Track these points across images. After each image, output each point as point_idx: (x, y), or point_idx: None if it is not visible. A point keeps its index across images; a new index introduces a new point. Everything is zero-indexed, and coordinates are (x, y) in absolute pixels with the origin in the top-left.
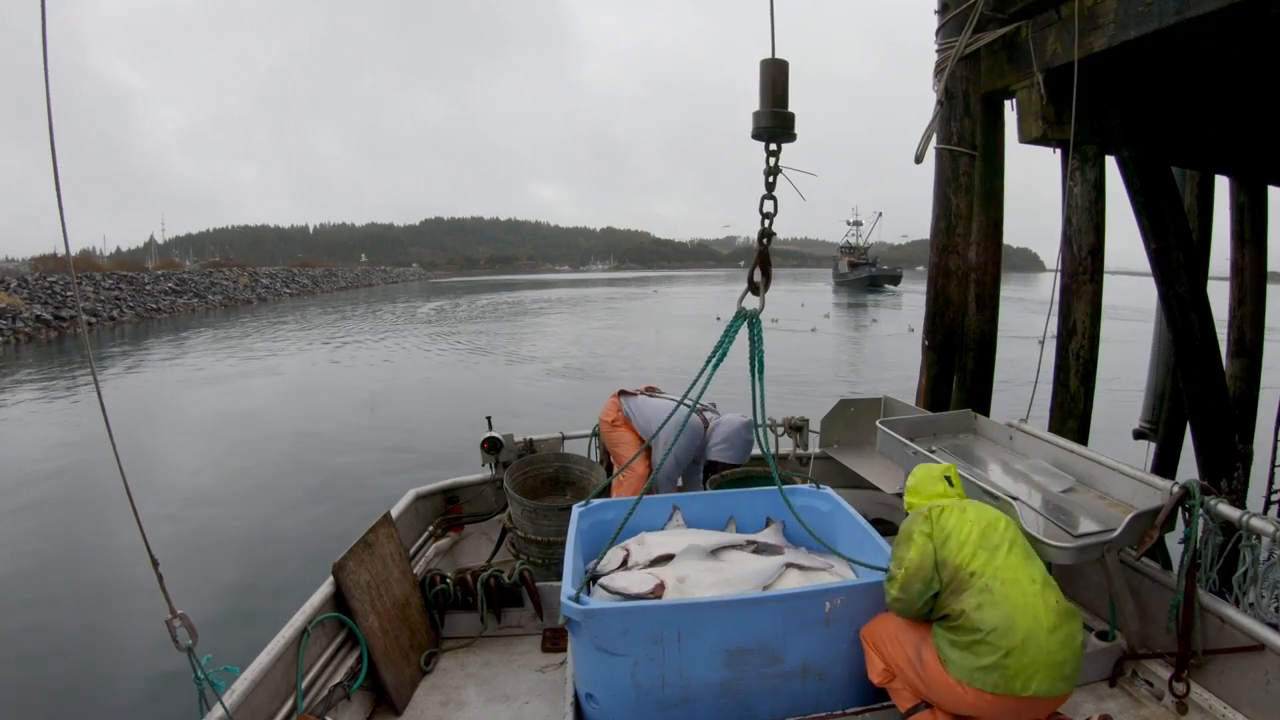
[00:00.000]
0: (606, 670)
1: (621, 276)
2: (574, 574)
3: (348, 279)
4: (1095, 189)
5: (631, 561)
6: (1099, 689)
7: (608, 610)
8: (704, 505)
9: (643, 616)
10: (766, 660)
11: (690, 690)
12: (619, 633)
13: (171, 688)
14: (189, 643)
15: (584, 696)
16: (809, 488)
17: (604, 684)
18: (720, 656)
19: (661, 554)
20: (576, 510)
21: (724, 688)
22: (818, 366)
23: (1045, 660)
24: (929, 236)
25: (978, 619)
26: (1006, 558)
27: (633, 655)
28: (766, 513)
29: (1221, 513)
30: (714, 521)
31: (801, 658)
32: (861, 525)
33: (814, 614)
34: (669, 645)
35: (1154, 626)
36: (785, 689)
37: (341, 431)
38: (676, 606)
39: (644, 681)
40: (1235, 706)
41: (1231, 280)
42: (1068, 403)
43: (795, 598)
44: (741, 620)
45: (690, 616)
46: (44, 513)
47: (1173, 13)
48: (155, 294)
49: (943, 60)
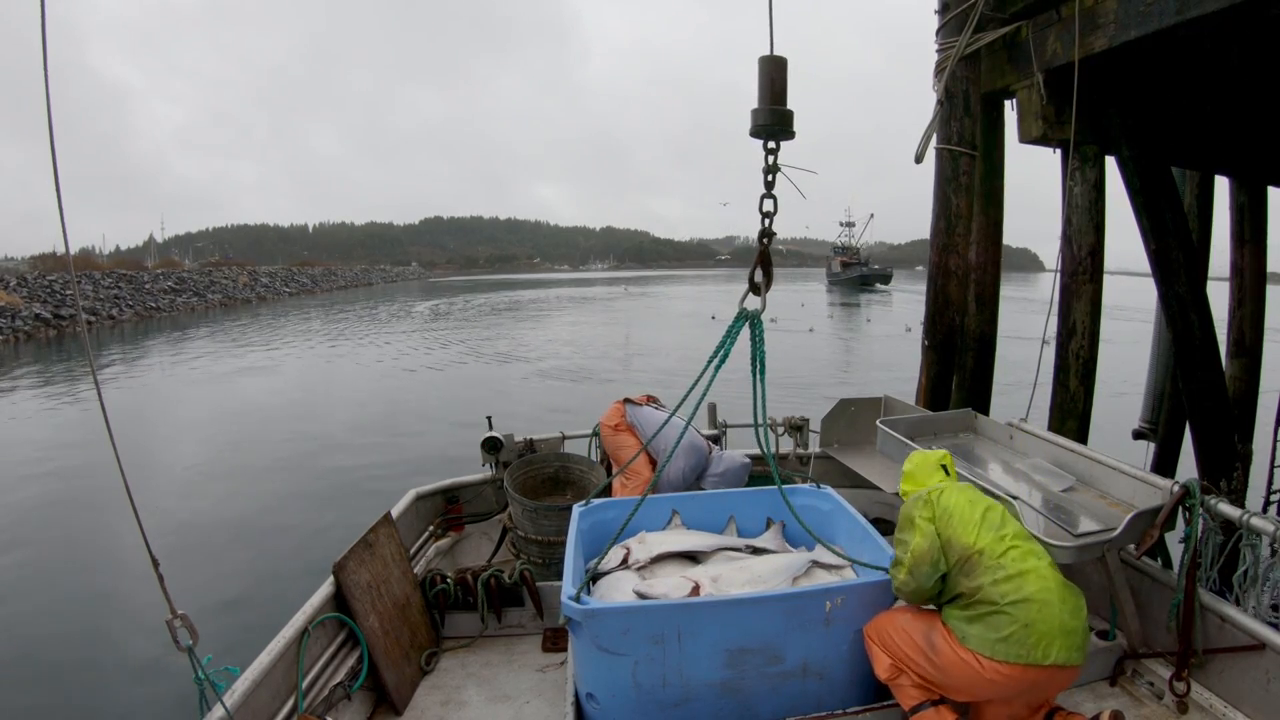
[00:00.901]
0: (607, 670)
1: (621, 276)
2: (575, 574)
3: (347, 278)
4: (1095, 189)
5: (632, 559)
6: (1099, 688)
7: (609, 610)
8: (704, 507)
9: (643, 616)
10: (767, 660)
11: (691, 690)
12: (620, 632)
13: (172, 688)
14: (189, 643)
15: (584, 696)
16: (809, 487)
17: (605, 684)
18: (721, 656)
19: (662, 552)
20: (577, 510)
21: (725, 687)
22: (815, 366)
23: (1060, 629)
24: (929, 236)
25: (994, 592)
26: (1012, 537)
27: (634, 655)
28: (767, 513)
29: (1222, 512)
30: (714, 523)
31: (802, 657)
32: (861, 525)
33: (814, 613)
34: (670, 645)
35: (1154, 626)
36: (786, 688)
37: (341, 431)
38: (677, 606)
39: (645, 681)
40: (1235, 705)
41: (1231, 280)
42: (1067, 402)
43: (796, 597)
44: (742, 620)
45: (691, 616)
46: (43, 513)
47: (1173, 13)
48: (155, 293)
49: (943, 60)
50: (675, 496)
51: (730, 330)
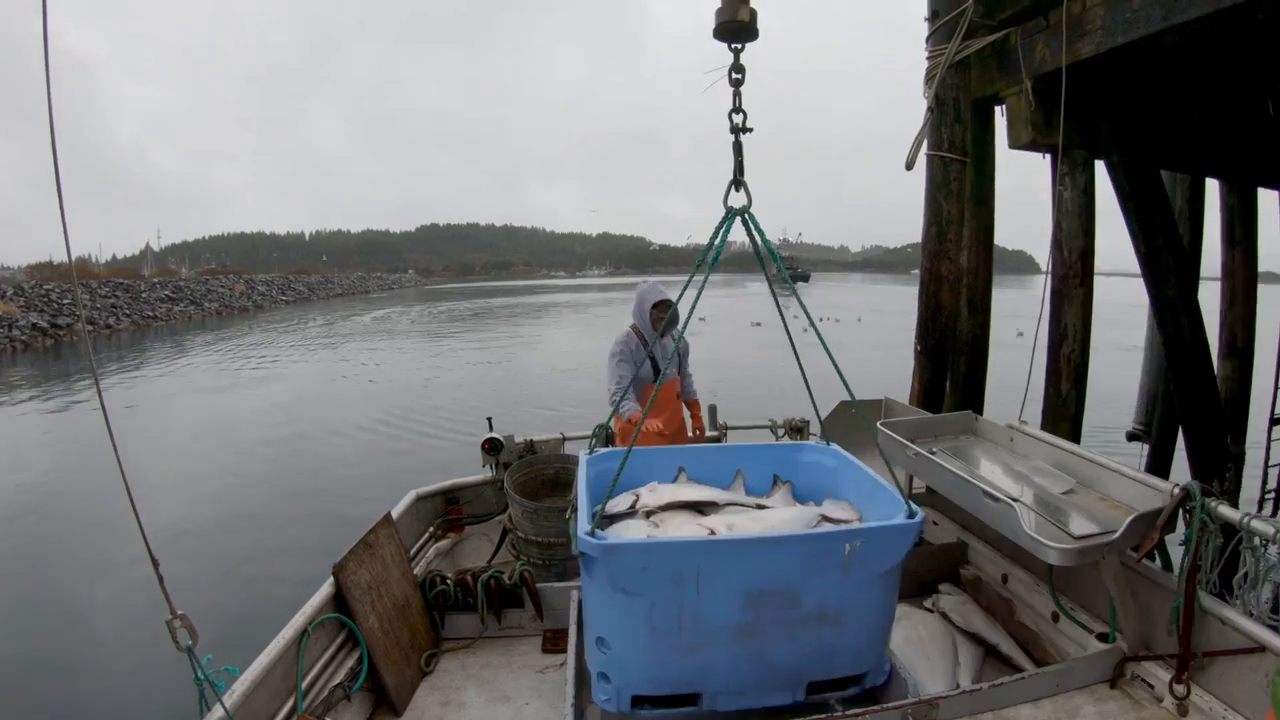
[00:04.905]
0: (621, 612)
1: (617, 282)
2: (587, 512)
3: (343, 286)
4: (1085, 194)
5: (640, 505)
6: (1099, 691)
7: (628, 545)
8: (711, 461)
9: (663, 553)
10: (785, 603)
11: (706, 634)
12: (638, 570)
13: (172, 688)
14: (189, 643)
15: (594, 642)
16: (816, 444)
17: (617, 627)
18: (740, 599)
19: (672, 501)
20: (584, 457)
21: (741, 631)
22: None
23: None
24: (920, 242)
25: None
26: None
27: (650, 595)
28: (774, 470)
29: (1222, 514)
30: (721, 479)
31: (819, 602)
32: (871, 477)
33: (834, 557)
34: (688, 585)
35: (1154, 628)
36: (802, 635)
37: (340, 433)
38: (698, 543)
39: (661, 624)
40: (1236, 708)
41: (1222, 282)
42: (1059, 406)
43: (816, 539)
44: (762, 560)
45: (711, 554)
46: (43, 513)
47: (1159, 19)
48: (152, 301)
49: (933, 67)
50: (681, 450)
51: (718, 229)
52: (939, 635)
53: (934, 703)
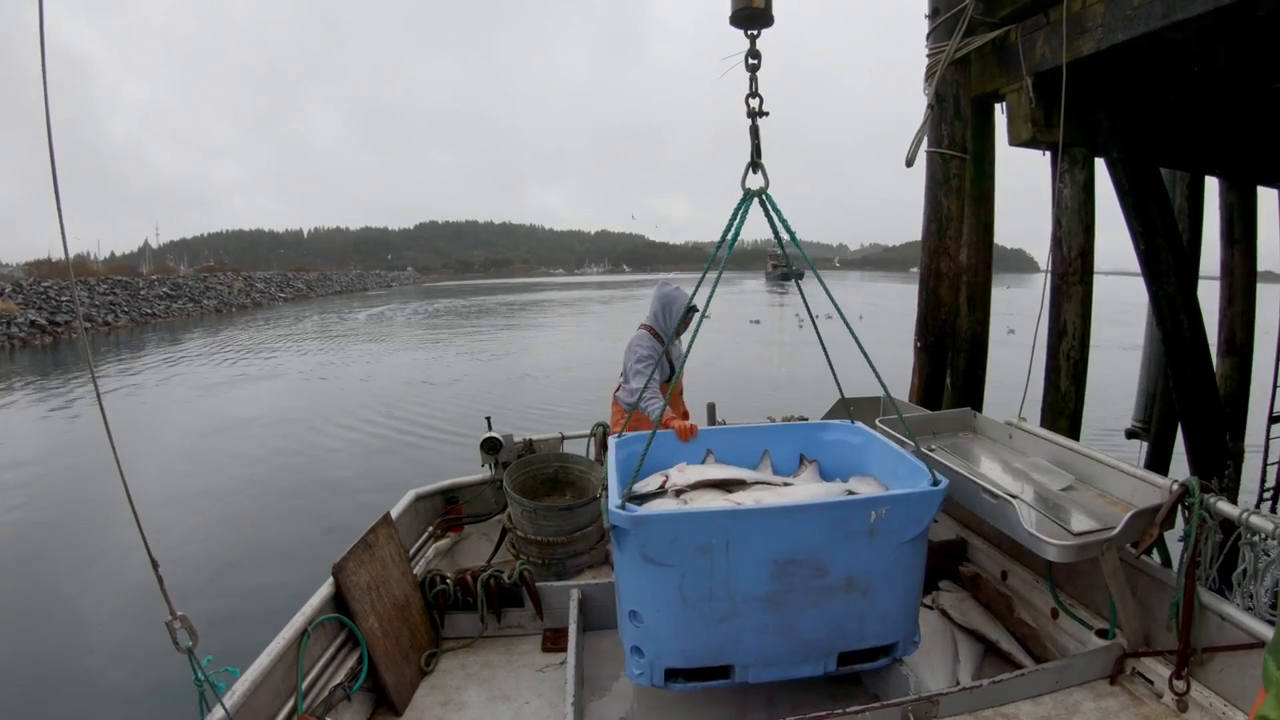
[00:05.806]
0: (652, 584)
1: (615, 280)
2: (619, 488)
3: (342, 283)
4: (1085, 191)
5: (669, 485)
6: (1099, 687)
7: (657, 516)
8: (738, 442)
9: (692, 523)
10: (813, 572)
11: (736, 604)
12: (668, 540)
13: (172, 689)
14: (189, 644)
15: (627, 615)
16: (840, 423)
17: (650, 599)
18: (768, 567)
19: (700, 480)
20: (613, 441)
21: (770, 600)
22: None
23: None
24: (920, 239)
25: None
26: None
27: (681, 566)
28: (800, 450)
29: (1221, 510)
30: (748, 459)
31: (846, 570)
32: (896, 451)
33: (859, 524)
34: (717, 555)
35: (1154, 624)
36: (830, 603)
37: (339, 433)
38: (726, 513)
39: (692, 594)
40: (1235, 704)
41: (1221, 280)
42: (1059, 403)
43: (842, 506)
44: (790, 528)
45: (739, 523)
46: (43, 513)
47: (1159, 16)
48: (150, 299)
49: (933, 64)
50: (709, 431)
51: (736, 210)
52: (939, 632)
53: (934, 700)
